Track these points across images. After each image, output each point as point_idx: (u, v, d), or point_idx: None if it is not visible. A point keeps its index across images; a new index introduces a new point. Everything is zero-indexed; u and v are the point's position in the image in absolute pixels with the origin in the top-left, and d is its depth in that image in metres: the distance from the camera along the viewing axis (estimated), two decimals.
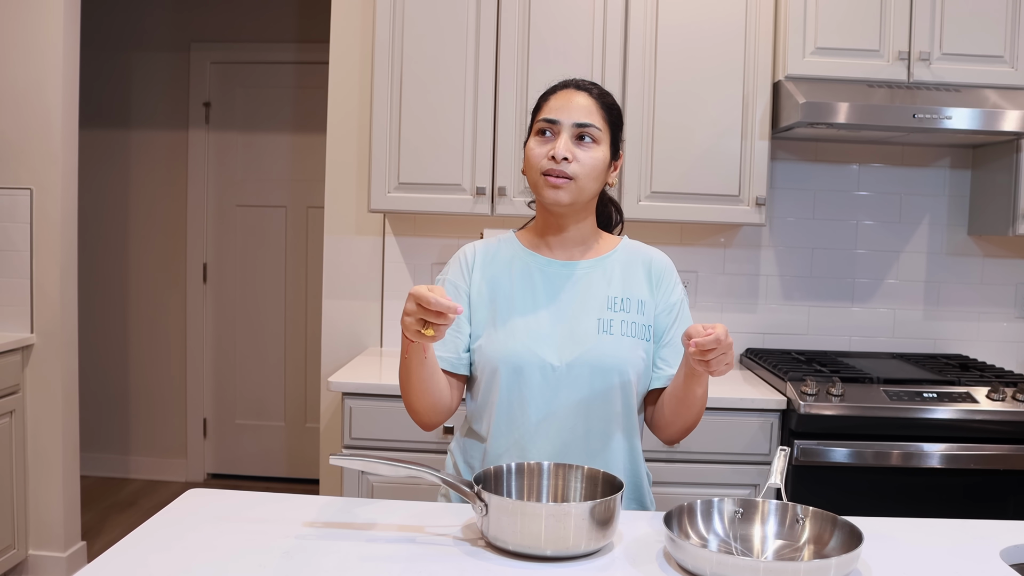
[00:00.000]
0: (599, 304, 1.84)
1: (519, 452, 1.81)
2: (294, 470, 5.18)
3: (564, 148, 1.78)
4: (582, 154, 1.79)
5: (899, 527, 1.71)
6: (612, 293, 1.86)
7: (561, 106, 1.82)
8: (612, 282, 1.87)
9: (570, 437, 1.81)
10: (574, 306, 1.84)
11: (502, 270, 1.89)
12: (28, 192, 3.60)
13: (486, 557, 1.48)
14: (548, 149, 1.80)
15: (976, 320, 3.61)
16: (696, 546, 1.46)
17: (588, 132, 1.80)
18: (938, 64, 3.11)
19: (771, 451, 2.94)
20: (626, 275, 1.89)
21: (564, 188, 1.79)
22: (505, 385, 1.81)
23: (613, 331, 1.82)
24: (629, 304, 1.85)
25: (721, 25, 3.16)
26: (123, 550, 1.47)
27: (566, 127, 1.80)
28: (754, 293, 3.60)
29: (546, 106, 1.84)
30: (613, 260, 1.90)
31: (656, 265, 1.92)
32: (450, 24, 3.17)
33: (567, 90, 1.85)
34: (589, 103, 1.82)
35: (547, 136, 1.82)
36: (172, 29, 5.04)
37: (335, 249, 3.62)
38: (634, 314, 1.85)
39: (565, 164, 1.77)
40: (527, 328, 1.82)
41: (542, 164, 1.80)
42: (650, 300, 1.88)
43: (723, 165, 3.19)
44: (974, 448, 2.85)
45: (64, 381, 3.68)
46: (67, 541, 3.73)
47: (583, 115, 1.80)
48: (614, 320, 1.83)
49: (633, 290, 1.87)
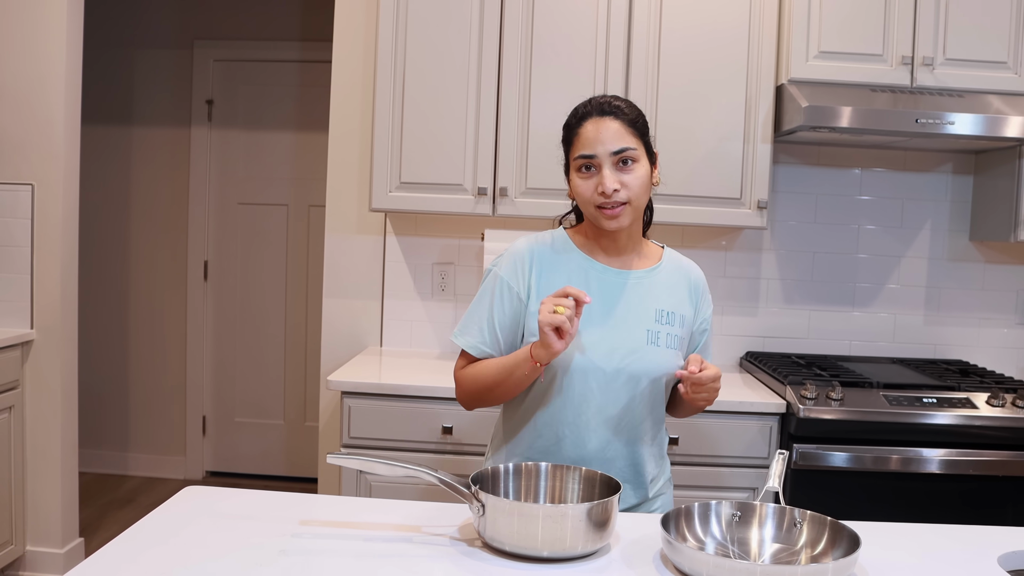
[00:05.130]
0: (649, 316, 1.92)
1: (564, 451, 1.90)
2: (293, 469, 5.17)
3: (611, 181, 1.82)
4: (628, 178, 1.84)
5: (897, 532, 1.71)
6: (660, 306, 1.93)
7: (593, 137, 1.85)
8: (661, 295, 1.95)
9: (612, 436, 1.90)
10: (625, 315, 1.91)
11: (559, 271, 1.94)
12: (30, 188, 3.60)
13: (483, 558, 1.48)
14: (595, 184, 1.84)
15: (977, 326, 3.61)
16: (693, 549, 1.46)
17: (627, 156, 1.84)
18: (941, 69, 3.11)
19: (770, 455, 2.94)
20: (672, 289, 1.97)
21: (622, 214, 1.85)
22: (555, 387, 1.88)
23: (660, 343, 1.90)
24: (673, 318, 1.94)
25: (724, 28, 3.16)
26: (120, 546, 1.47)
27: (605, 159, 1.84)
28: (755, 296, 3.60)
29: (578, 141, 1.88)
30: (660, 273, 1.98)
31: (694, 280, 2.02)
32: (453, 23, 3.16)
33: (594, 119, 1.87)
34: (618, 126, 1.85)
35: (589, 171, 1.86)
36: (175, 26, 5.04)
37: (336, 248, 3.62)
38: (676, 327, 1.94)
39: (616, 195, 1.83)
40: (582, 332, 1.87)
41: (594, 199, 1.85)
42: (690, 314, 1.98)
43: (725, 168, 3.18)
44: (973, 454, 2.84)
45: (63, 377, 3.68)
46: (65, 537, 3.73)
47: (617, 141, 1.84)
48: (661, 332, 1.91)
49: (678, 305, 1.96)
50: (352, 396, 2.95)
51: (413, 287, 3.59)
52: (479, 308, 1.95)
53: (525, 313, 1.91)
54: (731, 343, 3.61)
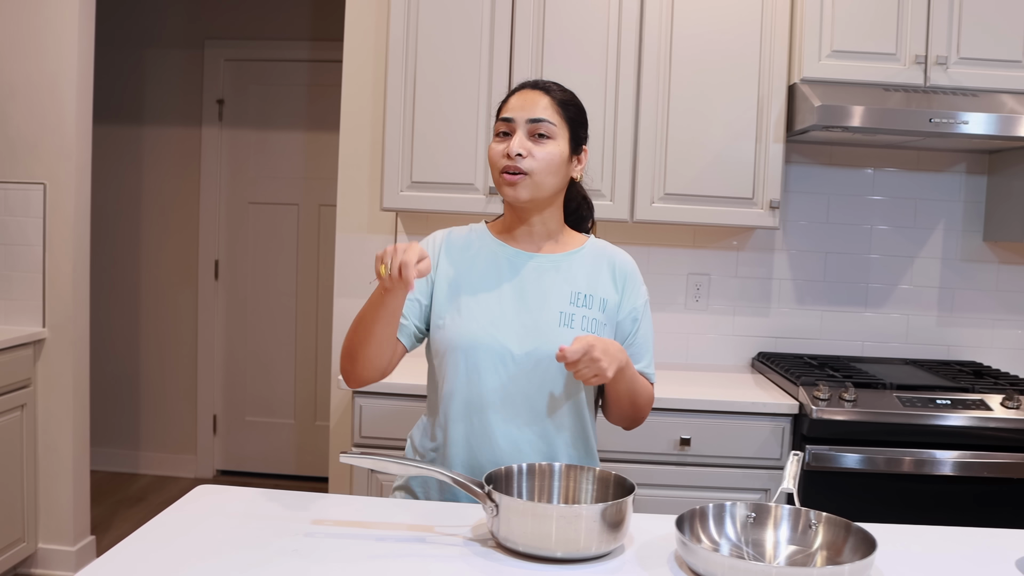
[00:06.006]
0: (562, 298, 1.88)
1: (474, 436, 1.86)
2: (303, 468, 5.18)
3: (518, 144, 1.83)
4: (537, 149, 1.84)
5: (913, 534, 1.70)
6: (576, 288, 1.90)
7: (518, 105, 1.88)
8: (577, 278, 1.91)
9: (524, 423, 1.85)
10: (537, 297, 1.88)
11: (469, 257, 1.94)
12: (42, 187, 3.61)
13: (496, 558, 1.47)
14: (505, 147, 1.85)
15: (991, 327, 3.59)
16: (708, 550, 1.45)
17: (542, 128, 1.85)
18: (955, 68, 3.09)
19: (782, 456, 2.93)
20: (591, 273, 1.93)
21: (520, 184, 1.84)
22: (464, 369, 1.85)
23: (574, 325, 1.86)
24: (592, 301, 1.89)
25: (736, 27, 3.15)
26: (133, 545, 1.47)
27: (521, 124, 1.85)
28: (766, 297, 3.59)
29: (505, 107, 1.91)
30: (579, 256, 1.95)
31: (620, 266, 1.97)
32: (464, 25, 3.16)
33: (524, 91, 1.91)
34: (546, 100, 1.88)
35: (506, 137, 1.87)
36: (186, 26, 5.05)
37: (347, 247, 3.62)
38: (595, 311, 1.89)
39: (520, 160, 1.83)
40: (489, 314, 1.86)
41: (500, 162, 1.86)
42: (613, 300, 1.93)
43: (737, 168, 3.17)
44: (987, 456, 2.82)
45: (75, 376, 3.69)
46: (76, 535, 3.74)
47: (536, 111, 1.86)
48: (575, 315, 1.87)
49: (597, 288, 1.92)
50: (363, 396, 2.95)
51: None
52: None
53: (432, 291, 1.91)
54: (743, 344, 3.60)
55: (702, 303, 3.57)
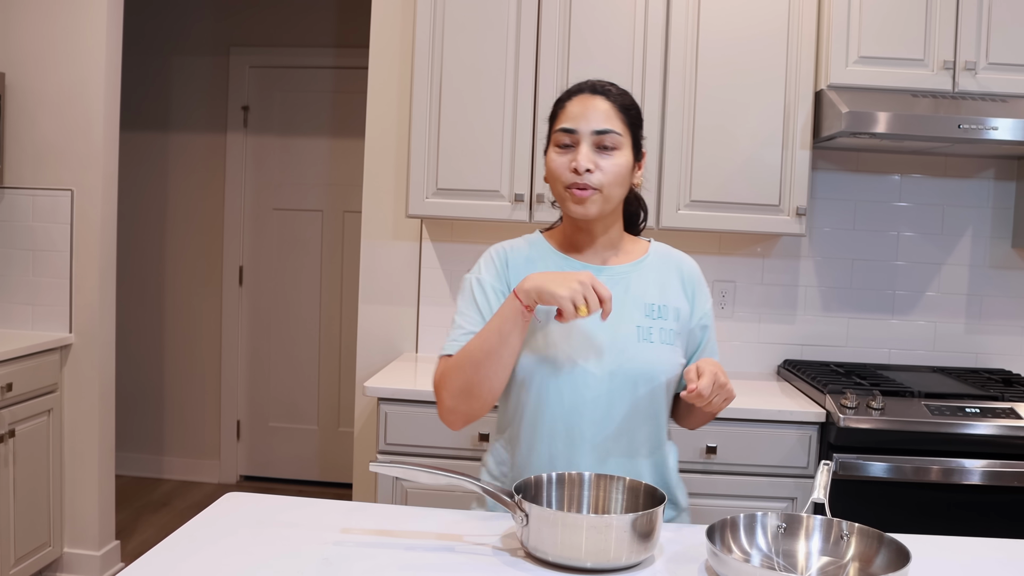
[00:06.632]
0: (637, 311, 1.81)
1: (558, 461, 1.78)
2: (326, 474, 5.18)
3: (586, 159, 1.74)
4: (605, 162, 1.75)
5: (947, 545, 1.68)
6: (649, 301, 1.83)
7: (579, 113, 1.78)
8: (648, 290, 1.84)
9: (608, 443, 1.78)
10: (612, 313, 1.77)
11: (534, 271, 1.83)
12: (69, 193, 3.64)
13: (526, 568, 1.47)
14: (569, 160, 1.76)
15: (1020, 334, 3.55)
16: (738, 561, 1.44)
17: (608, 139, 1.76)
18: (984, 74, 3.07)
19: (809, 464, 2.90)
20: (661, 282, 1.86)
21: (590, 200, 1.76)
22: (542, 392, 1.77)
23: (652, 339, 1.79)
24: (666, 311, 1.83)
25: (763, 33, 3.13)
26: (162, 553, 1.48)
27: (585, 136, 1.76)
28: (792, 304, 3.56)
29: (563, 114, 1.81)
30: (647, 266, 1.88)
31: (688, 273, 1.91)
32: (490, 30, 3.16)
33: (583, 95, 1.80)
34: (607, 107, 1.78)
35: (567, 148, 1.78)
36: (212, 33, 5.08)
37: (372, 254, 3.63)
38: (670, 321, 1.82)
39: (588, 176, 1.74)
40: (566, 334, 1.77)
41: (565, 177, 1.77)
42: (685, 309, 1.86)
43: (763, 174, 3.16)
44: (1017, 465, 2.79)
45: (101, 381, 3.71)
46: (101, 540, 3.76)
47: (602, 121, 1.76)
48: (652, 328, 1.80)
49: (669, 298, 1.85)
50: (389, 402, 2.95)
51: (449, 293, 3.59)
52: (466, 318, 1.83)
53: None
54: (769, 351, 3.58)
55: (727, 310, 3.56)
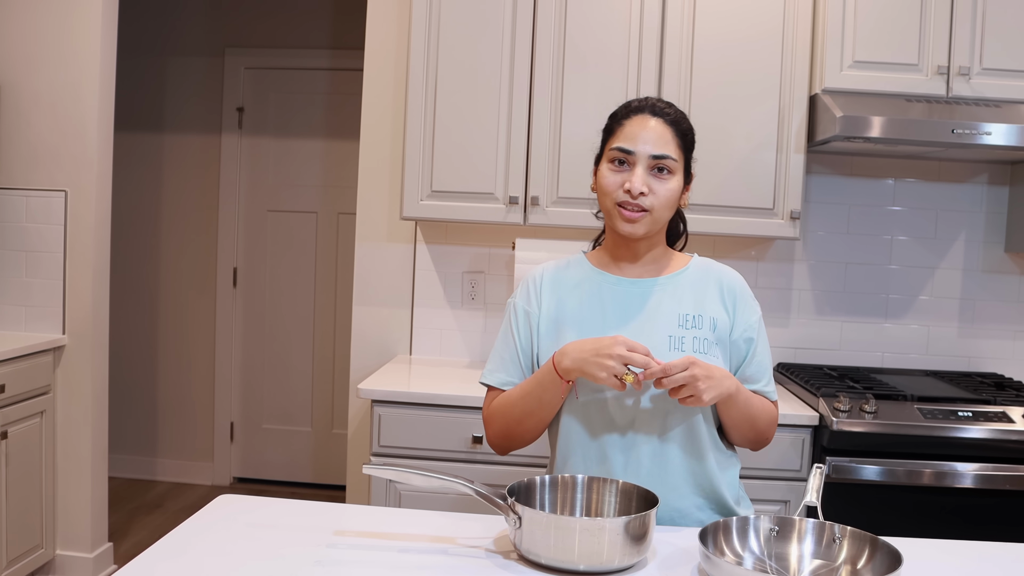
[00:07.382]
0: (670, 321, 1.81)
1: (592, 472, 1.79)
2: (320, 476, 5.18)
3: (641, 183, 1.76)
4: (658, 186, 1.77)
5: (938, 549, 1.69)
6: (683, 310, 1.82)
7: (636, 134, 1.78)
8: (683, 300, 1.84)
9: (640, 453, 1.78)
10: (644, 323, 1.80)
11: (570, 292, 1.87)
12: (63, 194, 3.63)
13: (519, 570, 1.47)
14: (623, 180, 1.77)
15: (1012, 339, 3.56)
16: (731, 564, 1.44)
17: (664, 164, 1.78)
18: (978, 79, 3.08)
19: (802, 467, 2.91)
20: (698, 292, 1.86)
21: (640, 221, 1.78)
22: (574, 404, 1.80)
23: (685, 348, 1.78)
24: (701, 321, 1.82)
25: (758, 38, 3.14)
26: (154, 555, 1.47)
27: (642, 159, 1.77)
28: (786, 307, 3.57)
29: (620, 131, 1.81)
30: (684, 277, 1.88)
31: (728, 285, 1.89)
32: (486, 32, 3.16)
33: (642, 115, 1.81)
34: (665, 131, 1.79)
35: (622, 165, 1.79)
36: (207, 34, 5.07)
37: (366, 256, 3.63)
38: (706, 331, 1.82)
39: (642, 198, 1.76)
40: None
41: (617, 195, 1.78)
42: (725, 321, 1.85)
43: (758, 178, 3.16)
44: (1009, 469, 2.80)
45: (94, 382, 3.70)
46: (94, 542, 3.75)
47: (659, 146, 1.78)
48: (685, 337, 1.79)
49: (705, 307, 1.84)
50: (383, 404, 2.94)
51: (443, 296, 3.59)
52: (503, 343, 1.90)
53: (537, 334, 1.86)
54: None
55: None
